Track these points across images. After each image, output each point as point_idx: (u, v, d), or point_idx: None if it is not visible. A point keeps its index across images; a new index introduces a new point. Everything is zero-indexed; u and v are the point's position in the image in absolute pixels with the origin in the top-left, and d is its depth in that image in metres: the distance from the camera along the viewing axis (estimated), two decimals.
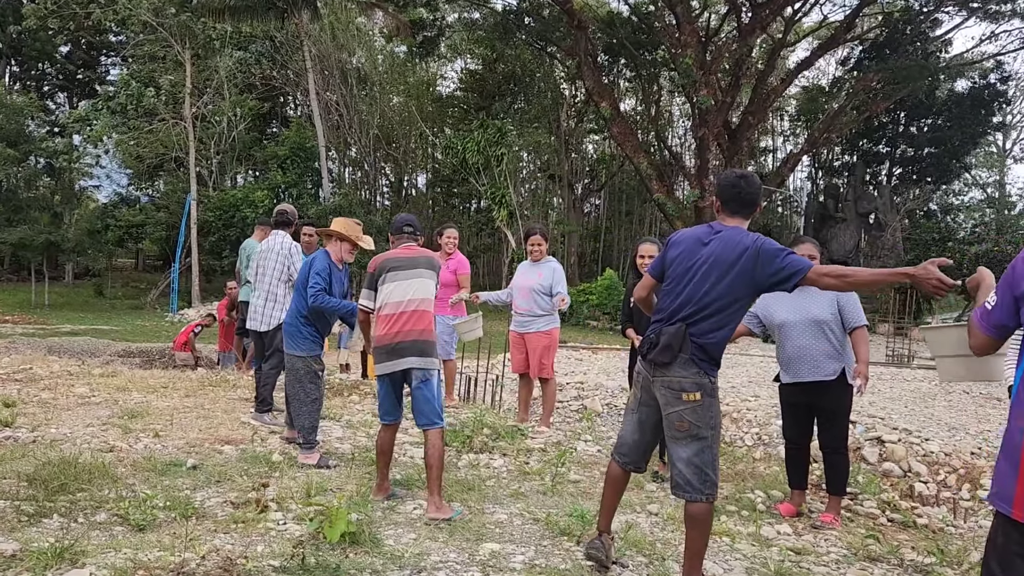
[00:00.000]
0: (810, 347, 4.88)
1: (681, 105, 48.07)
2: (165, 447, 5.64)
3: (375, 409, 7.49)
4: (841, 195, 43.92)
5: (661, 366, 3.60)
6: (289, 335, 5.57)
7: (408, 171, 46.45)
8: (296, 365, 5.54)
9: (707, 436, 3.56)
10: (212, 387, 8.15)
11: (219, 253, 32.10)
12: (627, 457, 3.89)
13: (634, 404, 3.85)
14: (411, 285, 4.66)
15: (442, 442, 4.56)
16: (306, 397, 5.50)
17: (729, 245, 3.56)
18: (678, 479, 3.60)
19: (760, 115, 38.10)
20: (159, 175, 37.77)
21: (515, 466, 5.78)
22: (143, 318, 28.58)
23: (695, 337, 3.55)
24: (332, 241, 5.68)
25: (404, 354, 4.58)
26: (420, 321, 4.62)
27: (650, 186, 34.56)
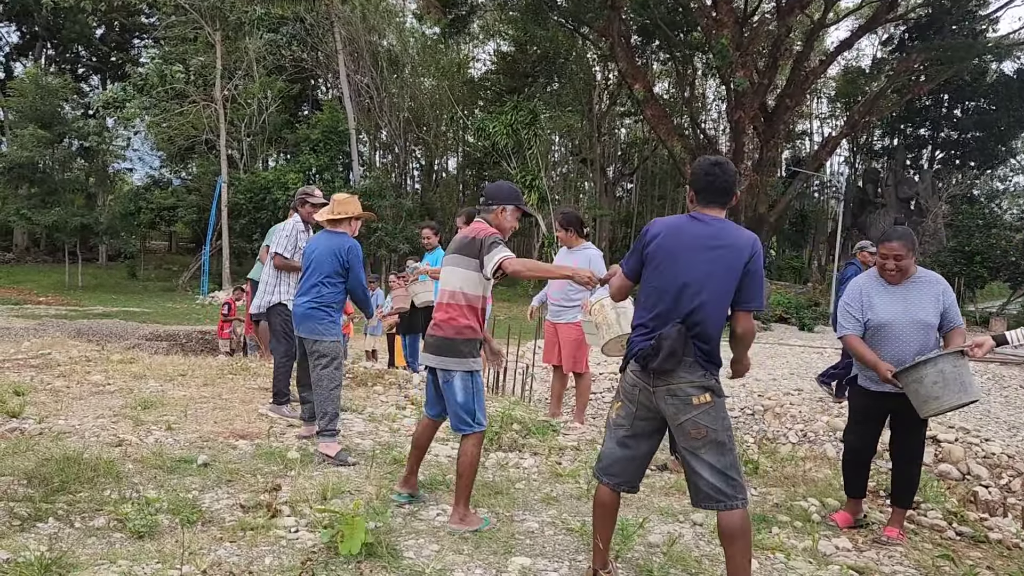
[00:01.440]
0: (912, 352, 4.38)
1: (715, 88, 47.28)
2: (177, 441, 5.33)
3: (399, 401, 7.21)
4: (881, 180, 42.98)
5: (664, 374, 3.27)
6: (318, 320, 5.28)
7: (439, 154, 46.19)
8: (327, 352, 5.27)
9: (724, 439, 3.25)
10: (232, 375, 7.85)
11: (250, 236, 32.06)
12: (619, 477, 3.50)
13: (625, 420, 3.44)
14: (448, 275, 4.22)
15: (475, 449, 4.14)
16: (330, 383, 5.24)
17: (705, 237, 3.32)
18: (707, 490, 3.25)
19: (798, 97, 37.18)
20: (191, 157, 37.83)
21: (547, 466, 5.40)
22: (174, 300, 28.64)
23: (697, 339, 3.27)
24: (343, 224, 5.45)
25: (429, 349, 4.22)
26: (450, 315, 4.15)
27: (684, 170, 33.89)
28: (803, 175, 38.08)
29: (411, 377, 8.36)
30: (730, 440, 3.28)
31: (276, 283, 6.40)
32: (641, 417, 3.39)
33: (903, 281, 4.49)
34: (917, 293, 4.44)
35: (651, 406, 3.34)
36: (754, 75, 33.35)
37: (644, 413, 3.38)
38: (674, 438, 3.41)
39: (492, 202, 4.34)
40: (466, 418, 4.12)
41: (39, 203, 32.86)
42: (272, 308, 6.36)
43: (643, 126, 46.97)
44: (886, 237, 4.58)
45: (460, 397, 4.12)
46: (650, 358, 3.27)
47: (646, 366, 3.30)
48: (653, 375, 3.29)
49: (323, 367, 5.23)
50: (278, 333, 6.36)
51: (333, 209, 5.42)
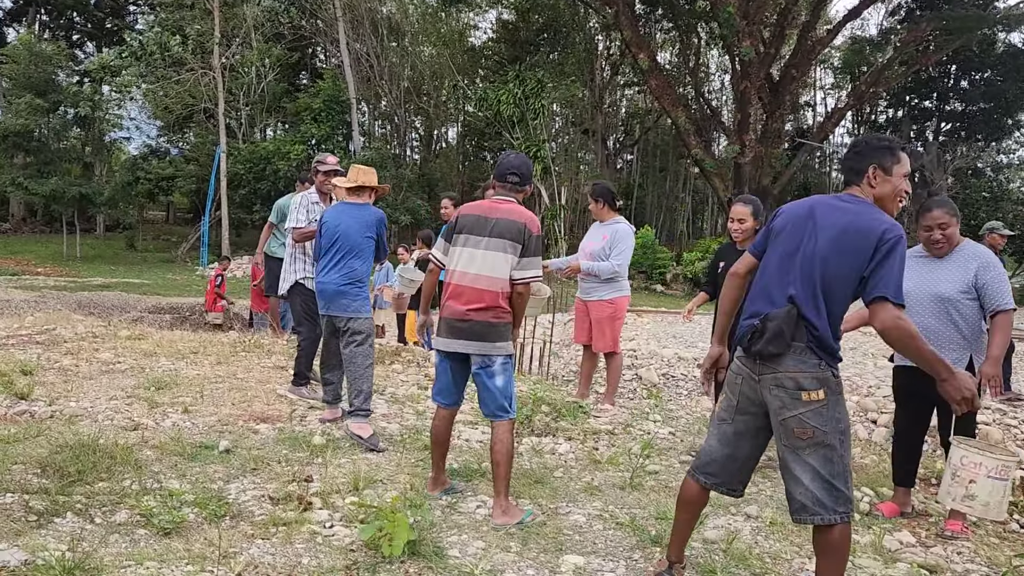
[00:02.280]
0: (930, 328, 4.16)
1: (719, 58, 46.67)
2: (195, 424, 5.08)
3: (422, 381, 6.95)
4: None
5: (770, 360, 2.94)
6: (352, 296, 5.10)
7: (438, 124, 45.63)
8: (361, 328, 5.11)
9: (834, 443, 2.89)
10: (245, 352, 7.58)
11: (249, 207, 31.64)
12: (717, 478, 3.20)
13: (727, 413, 3.14)
14: (479, 256, 3.90)
15: (511, 436, 3.92)
16: (364, 360, 5.07)
17: (832, 215, 2.98)
18: (803, 499, 2.92)
19: (804, 68, 36.65)
20: (188, 127, 37.24)
21: (583, 452, 5.16)
22: (174, 271, 28.30)
23: (810, 321, 2.90)
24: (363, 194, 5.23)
25: (463, 335, 3.91)
26: (485, 301, 3.86)
27: (688, 141, 33.47)
28: (808, 147, 37.65)
29: (429, 355, 8.10)
30: (842, 444, 2.92)
31: (292, 261, 6.12)
32: (744, 411, 3.09)
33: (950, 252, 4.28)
34: (946, 266, 4.24)
35: (755, 398, 3.04)
36: (760, 45, 32.81)
37: (747, 406, 3.08)
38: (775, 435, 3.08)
39: (524, 181, 4.08)
40: (505, 404, 3.90)
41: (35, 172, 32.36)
42: (292, 289, 6.08)
43: (645, 97, 46.44)
44: (926, 208, 4.35)
45: (501, 382, 3.89)
46: (753, 340, 2.96)
47: (749, 349, 2.99)
48: (757, 360, 2.98)
49: (358, 344, 5.06)
50: (299, 314, 6.09)
51: (355, 178, 5.15)
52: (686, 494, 3.29)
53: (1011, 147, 47.95)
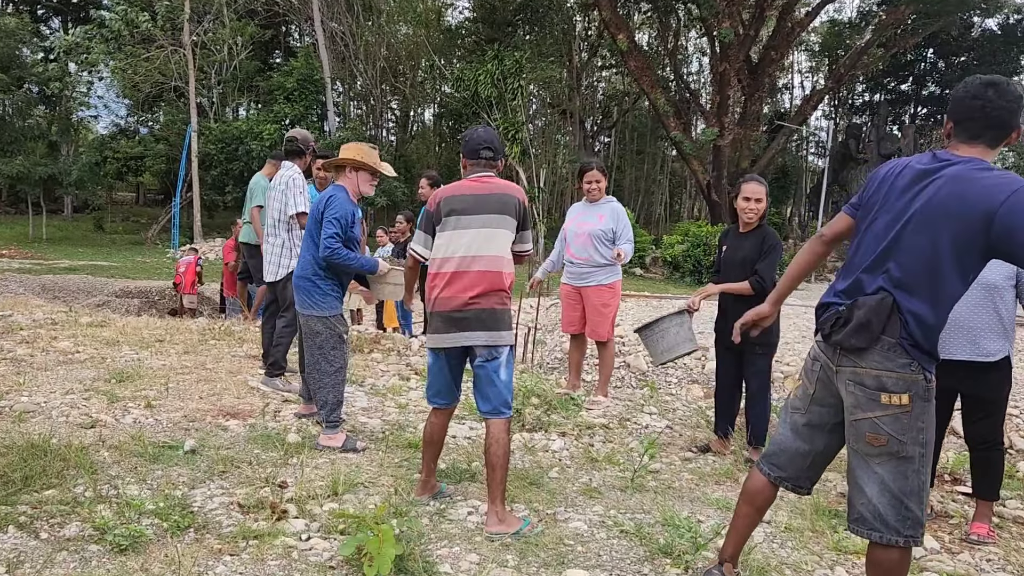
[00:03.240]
0: (971, 318, 3.86)
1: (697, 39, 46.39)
2: (159, 421, 4.68)
3: (402, 370, 6.58)
4: (863, 135, 42.58)
5: (852, 352, 2.56)
6: (304, 291, 4.52)
7: (415, 105, 45.00)
8: (315, 328, 4.47)
9: (913, 455, 2.51)
10: (215, 340, 7.17)
11: (222, 188, 30.98)
12: (783, 471, 2.88)
13: (801, 402, 2.80)
14: (479, 235, 3.54)
15: (508, 436, 3.58)
16: (328, 367, 4.49)
17: (959, 187, 2.46)
18: (863, 510, 2.59)
19: (783, 50, 36.51)
20: (158, 105, 36.37)
21: (578, 449, 4.82)
22: (144, 254, 27.63)
23: (907, 314, 2.50)
24: (345, 173, 4.59)
25: (465, 326, 3.51)
26: (486, 284, 3.51)
27: (666, 123, 33.24)
28: (786, 130, 37.53)
29: (410, 343, 7.73)
30: (922, 459, 2.53)
31: (290, 245, 5.67)
32: (820, 402, 2.75)
33: None
34: None
35: (833, 389, 2.68)
36: (739, 27, 32.56)
37: (824, 397, 2.73)
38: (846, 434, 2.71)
39: (497, 154, 3.75)
40: (508, 399, 3.57)
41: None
42: (290, 274, 5.68)
43: (623, 79, 46.11)
44: None
45: (505, 375, 3.56)
46: (835, 329, 2.59)
47: (828, 337, 2.63)
48: (838, 351, 2.62)
49: (316, 347, 4.48)
50: (288, 301, 5.66)
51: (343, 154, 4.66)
52: (751, 485, 2.96)
53: None
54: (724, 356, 4.92)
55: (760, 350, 4.68)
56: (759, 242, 4.69)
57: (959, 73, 41.31)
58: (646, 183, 50.78)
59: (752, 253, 4.68)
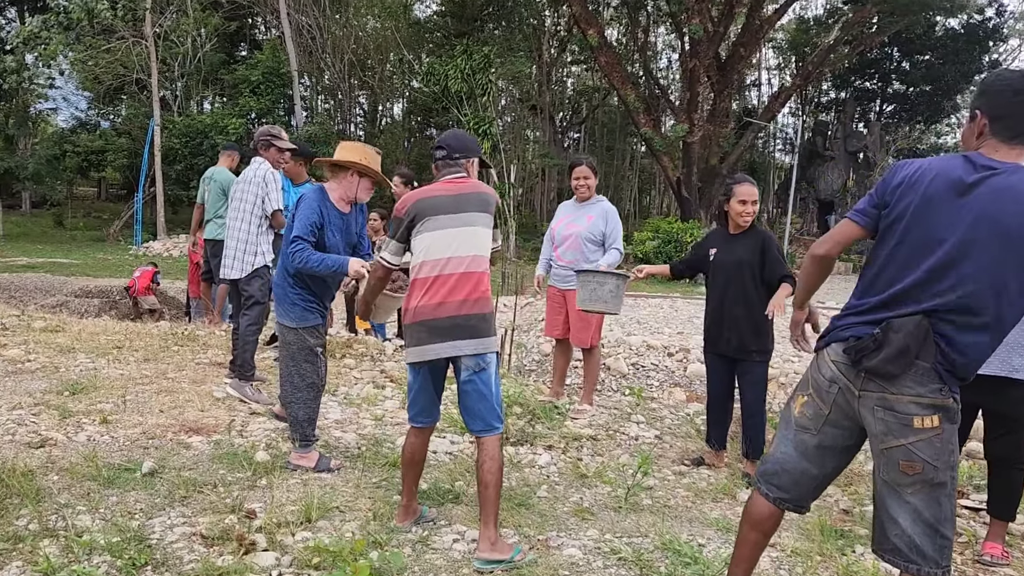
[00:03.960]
0: None
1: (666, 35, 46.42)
2: (115, 439, 4.33)
3: (377, 378, 6.27)
4: (830, 132, 42.85)
5: (885, 378, 2.37)
6: (277, 299, 4.23)
7: (383, 99, 44.48)
8: (287, 337, 4.17)
9: (945, 480, 2.37)
10: (178, 347, 6.79)
11: (186, 183, 30.27)
12: (786, 492, 2.67)
13: (813, 422, 2.59)
14: (457, 236, 3.33)
15: (502, 452, 3.33)
16: (300, 381, 4.13)
17: (1010, 198, 2.26)
18: (898, 542, 2.41)
19: (752, 47, 36.63)
20: (120, 99, 35.50)
21: (567, 464, 4.57)
22: (105, 250, 26.89)
23: (944, 338, 2.33)
24: (343, 176, 4.24)
25: (449, 335, 3.26)
26: (471, 287, 3.30)
27: (636, 120, 33.15)
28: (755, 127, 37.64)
29: (383, 347, 7.41)
30: (953, 483, 2.39)
31: (257, 240, 5.44)
32: (835, 424, 2.55)
33: None
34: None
35: (851, 413, 2.49)
36: (709, 23, 32.52)
37: (840, 419, 2.53)
38: None
39: (460, 155, 3.53)
40: (496, 414, 3.32)
41: None
42: (256, 271, 5.39)
43: (592, 75, 46.01)
44: None
45: (493, 387, 3.31)
46: (867, 354, 2.38)
47: (858, 362, 2.42)
48: (865, 376, 2.42)
49: (289, 359, 4.15)
50: (252, 298, 5.41)
51: (338, 155, 4.30)
52: (756, 511, 2.74)
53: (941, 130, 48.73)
54: (716, 364, 4.68)
55: (758, 357, 4.45)
56: (756, 244, 4.47)
57: (923, 71, 41.76)
58: (615, 179, 50.74)
59: (748, 255, 4.46)
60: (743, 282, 4.45)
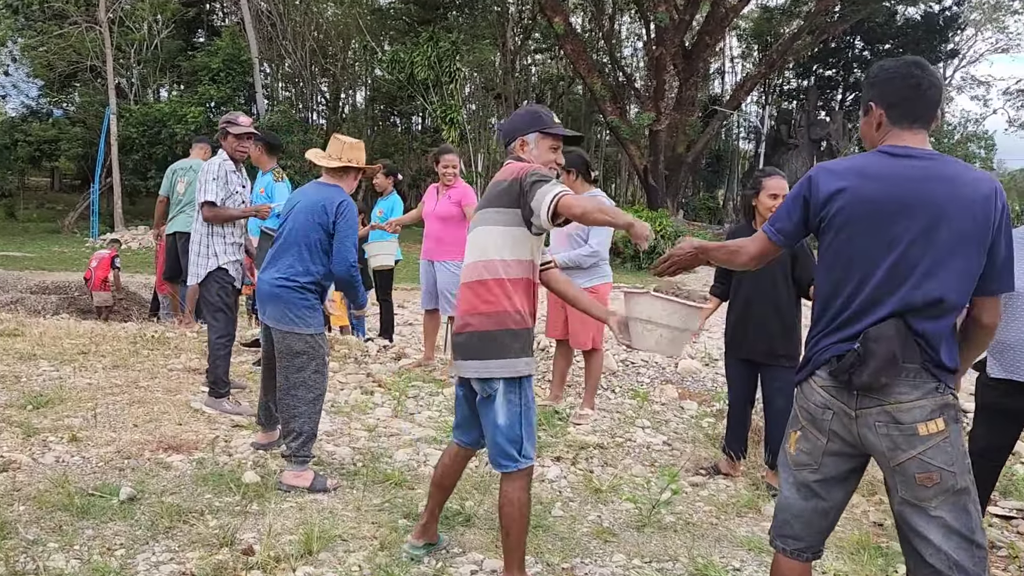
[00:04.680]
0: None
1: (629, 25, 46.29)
2: (86, 460, 3.95)
3: (364, 382, 5.93)
4: (793, 121, 43.08)
5: (875, 391, 2.23)
6: (287, 302, 3.84)
7: (345, 87, 43.77)
8: (295, 347, 3.83)
9: (966, 484, 2.22)
10: (148, 350, 6.38)
11: (144, 173, 29.48)
12: (802, 541, 2.44)
13: (811, 456, 2.38)
14: (473, 238, 3.02)
15: (524, 494, 2.92)
16: (307, 392, 3.83)
17: (937, 179, 2.26)
18: (936, 563, 2.20)
19: (717, 35, 36.66)
20: (73, 86, 34.40)
21: (578, 477, 4.29)
22: (61, 243, 26.04)
23: (922, 336, 2.24)
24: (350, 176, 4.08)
25: (458, 353, 2.99)
26: (474, 299, 2.93)
27: (603, 108, 33.03)
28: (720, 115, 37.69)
29: (366, 347, 7.06)
30: (973, 485, 2.24)
31: (209, 241, 4.99)
32: (834, 452, 2.35)
33: None
34: None
35: (851, 438, 2.30)
36: (674, 11, 32.42)
37: (839, 446, 2.34)
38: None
39: (509, 138, 3.14)
40: (510, 449, 2.90)
41: None
42: (210, 274, 4.96)
43: (557, 63, 45.75)
44: None
45: (502, 418, 2.88)
46: (855, 370, 2.21)
47: (849, 382, 2.23)
48: (857, 394, 2.24)
49: (296, 370, 3.83)
50: (213, 306, 4.97)
51: (339, 153, 3.99)
52: (778, 572, 2.46)
53: None
54: (739, 370, 4.42)
55: (787, 362, 4.18)
56: None
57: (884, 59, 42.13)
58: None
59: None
60: (772, 282, 4.19)
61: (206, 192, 4.96)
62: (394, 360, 6.71)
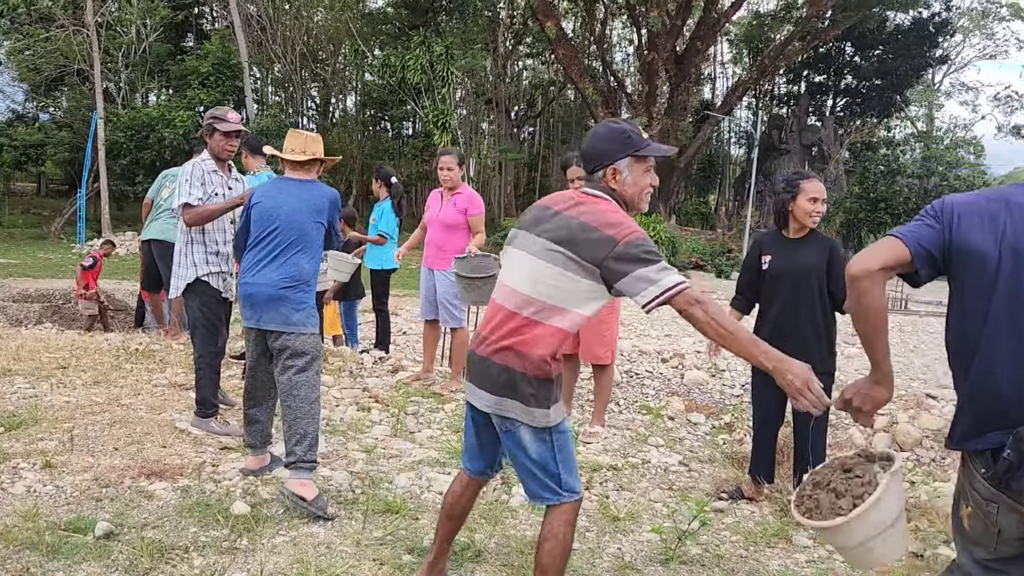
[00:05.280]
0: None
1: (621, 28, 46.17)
2: (60, 489, 3.62)
3: (360, 397, 5.64)
4: (785, 126, 43.01)
5: None
6: (295, 305, 3.70)
7: (336, 92, 43.48)
8: (302, 348, 3.69)
9: None
10: (131, 364, 6.05)
11: (131, 178, 29.10)
12: None
13: (985, 538, 2.03)
14: (517, 263, 2.63)
15: (568, 529, 2.56)
16: (311, 392, 3.68)
17: None
18: None
19: (709, 40, 36.66)
20: (60, 90, 33.98)
21: (592, 503, 3.98)
22: (46, 249, 25.63)
23: None
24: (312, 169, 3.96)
25: (481, 381, 2.59)
26: (510, 333, 2.52)
27: (595, 113, 32.89)
28: (712, 120, 37.57)
29: (361, 359, 6.75)
30: None
31: (187, 252, 4.63)
32: (1009, 541, 1.99)
33: None
34: None
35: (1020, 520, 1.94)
36: (666, 16, 32.32)
37: (1015, 535, 1.97)
38: None
39: (594, 165, 2.62)
40: (548, 482, 2.56)
41: None
42: (189, 287, 4.60)
43: (549, 68, 45.59)
44: None
45: (533, 452, 2.54)
46: (1012, 476, 1.88)
47: (1008, 485, 1.90)
48: None
49: (299, 370, 3.65)
50: (193, 321, 4.63)
51: (302, 147, 3.78)
52: None
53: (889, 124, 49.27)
54: (769, 387, 4.10)
55: (824, 380, 3.89)
56: (823, 250, 3.95)
57: (875, 66, 42.18)
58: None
59: (815, 261, 3.93)
60: (810, 293, 3.92)
61: (181, 195, 4.56)
62: (391, 373, 6.41)
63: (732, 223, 40.52)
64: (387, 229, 7.24)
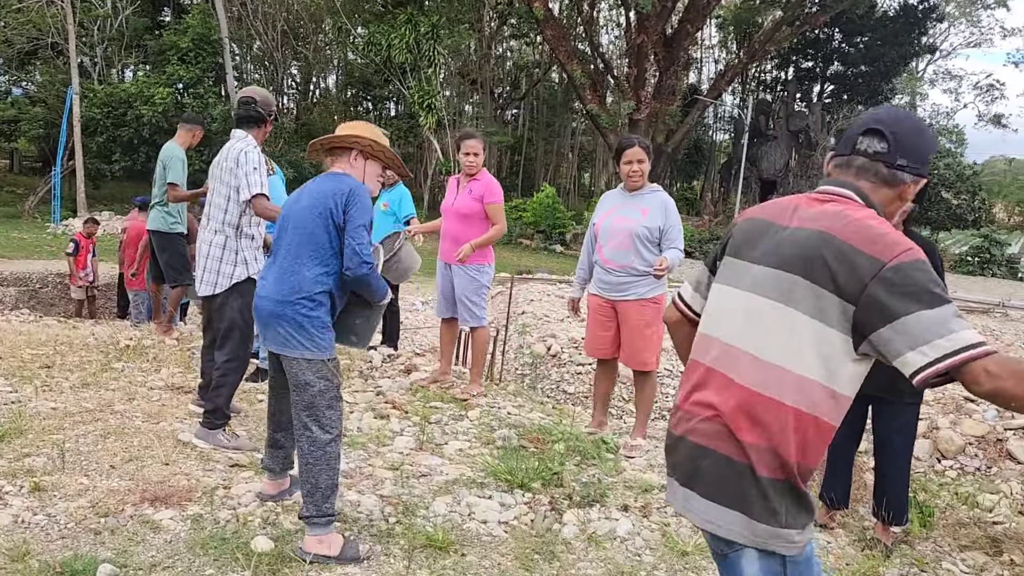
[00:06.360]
0: None
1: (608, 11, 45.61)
2: (52, 518, 3.15)
3: (375, 403, 5.16)
4: (772, 112, 42.78)
5: None
6: (292, 323, 3.04)
7: (317, 70, 42.65)
8: (304, 377, 3.04)
9: None
10: (122, 362, 5.54)
11: (108, 156, 28.26)
12: None
13: None
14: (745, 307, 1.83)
15: None
16: (322, 433, 3.03)
17: None
18: None
19: (698, 23, 36.22)
20: (33, 63, 32.95)
21: (653, 532, 3.57)
22: (20, 229, 24.82)
23: None
24: (348, 159, 3.26)
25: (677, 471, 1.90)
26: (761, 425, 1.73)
27: (582, 96, 32.43)
28: (700, 105, 37.19)
29: (370, 356, 6.28)
30: None
31: (238, 246, 4.17)
32: None
33: None
34: None
35: None
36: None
37: None
38: None
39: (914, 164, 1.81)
40: None
41: None
42: (236, 285, 4.12)
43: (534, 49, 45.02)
44: None
45: None
46: None
47: None
48: None
49: (304, 406, 3.06)
50: (231, 322, 4.13)
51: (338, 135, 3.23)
52: None
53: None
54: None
55: (910, 399, 3.50)
56: None
57: (863, 52, 42.04)
58: (555, 157, 49.89)
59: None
60: None
61: (253, 184, 4.10)
62: (404, 374, 5.93)
63: (718, 209, 40.29)
64: (413, 213, 6.64)
